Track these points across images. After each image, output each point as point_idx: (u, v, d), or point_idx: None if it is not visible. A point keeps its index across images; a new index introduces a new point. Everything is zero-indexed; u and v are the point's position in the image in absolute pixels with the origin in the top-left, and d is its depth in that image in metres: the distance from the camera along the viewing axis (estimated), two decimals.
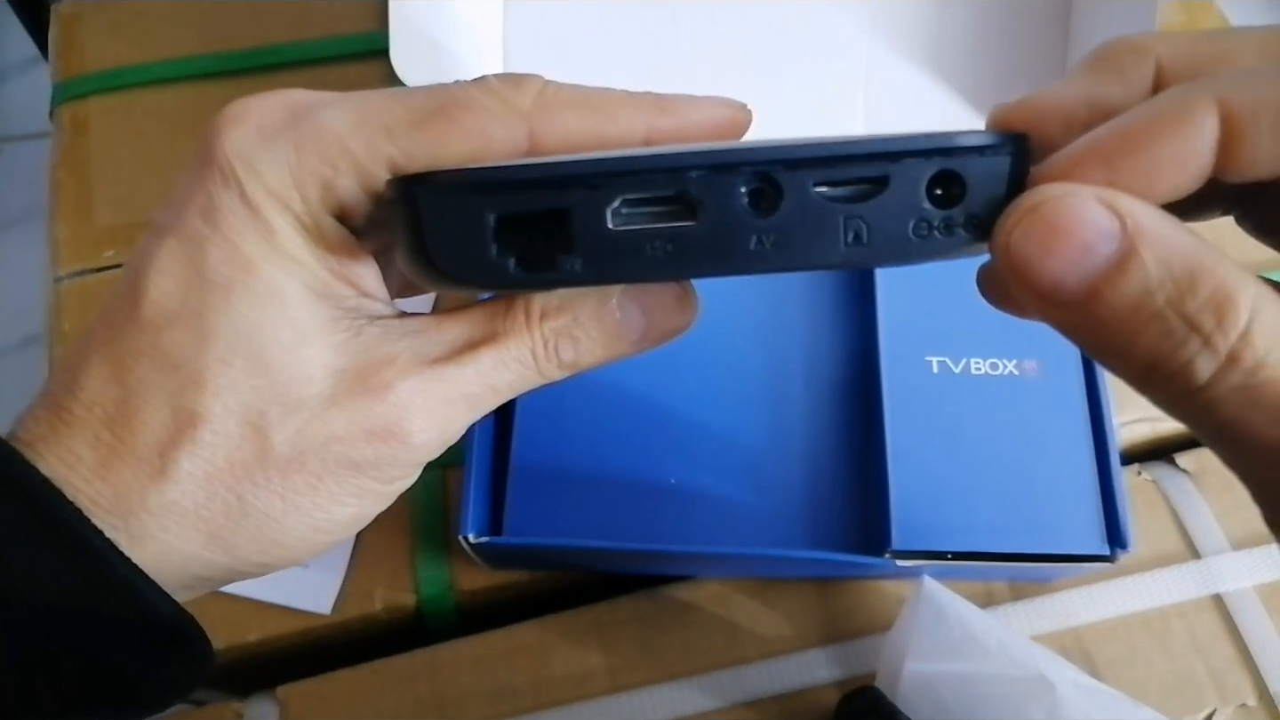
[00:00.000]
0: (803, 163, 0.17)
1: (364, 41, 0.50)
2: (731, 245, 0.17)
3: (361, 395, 0.20)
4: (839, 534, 0.36)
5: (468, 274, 0.18)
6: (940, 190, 0.17)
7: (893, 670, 0.34)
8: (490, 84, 0.20)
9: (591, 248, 0.17)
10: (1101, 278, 0.16)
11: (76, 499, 0.19)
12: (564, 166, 0.17)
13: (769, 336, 0.39)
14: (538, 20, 0.48)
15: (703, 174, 0.17)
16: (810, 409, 0.38)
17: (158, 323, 0.20)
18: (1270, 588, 0.38)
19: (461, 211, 0.18)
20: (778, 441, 0.37)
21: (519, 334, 0.21)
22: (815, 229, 0.17)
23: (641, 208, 0.17)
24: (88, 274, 0.46)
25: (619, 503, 0.36)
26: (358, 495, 0.21)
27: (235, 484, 0.20)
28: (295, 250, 0.20)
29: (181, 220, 0.20)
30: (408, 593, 0.39)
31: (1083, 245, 0.16)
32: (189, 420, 0.19)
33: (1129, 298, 0.16)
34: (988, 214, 0.17)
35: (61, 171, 0.49)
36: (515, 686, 0.37)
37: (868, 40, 0.47)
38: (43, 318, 0.46)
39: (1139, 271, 0.16)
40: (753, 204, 0.17)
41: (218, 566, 0.21)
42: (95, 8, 0.53)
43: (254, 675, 0.38)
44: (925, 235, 0.17)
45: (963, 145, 0.17)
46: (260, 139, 0.20)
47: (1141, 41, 0.19)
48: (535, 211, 0.17)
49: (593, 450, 0.37)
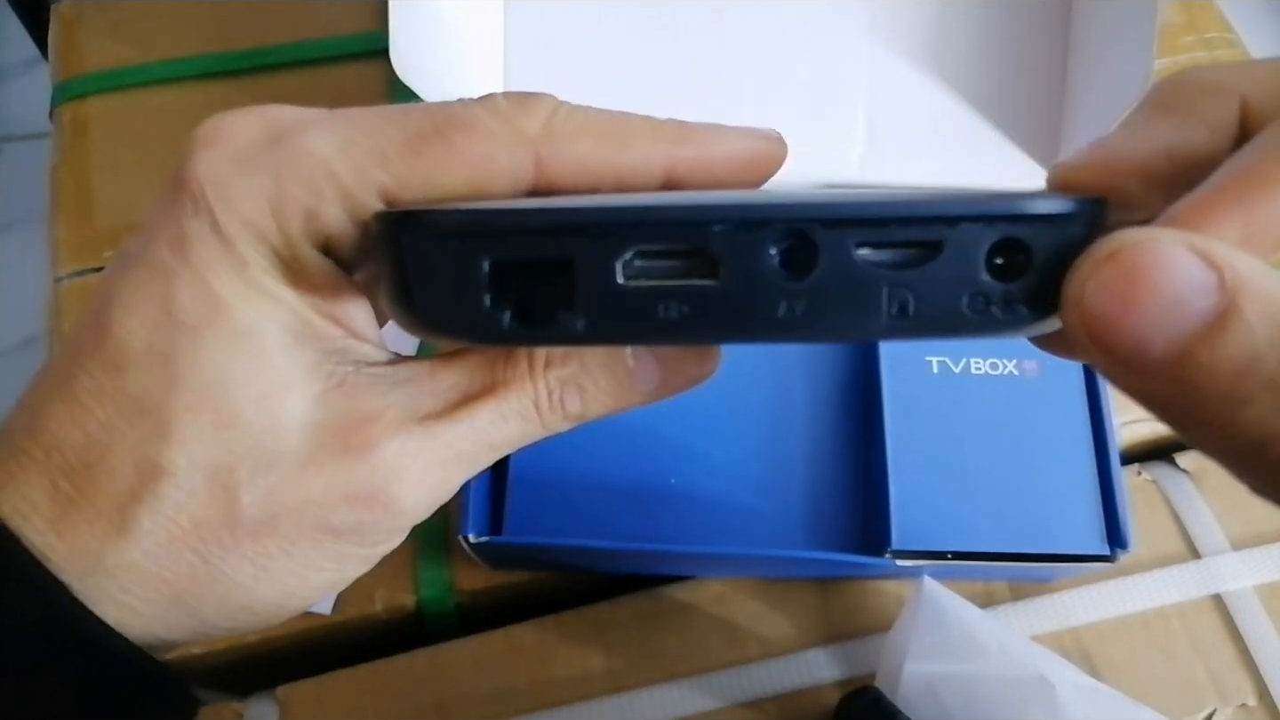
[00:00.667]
0: (845, 222, 0.15)
1: (364, 41, 0.50)
2: (756, 310, 0.15)
3: (342, 456, 0.18)
4: (839, 534, 0.36)
5: (457, 327, 0.16)
6: (1001, 260, 0.15)
7: (893, 670, 0.34)
8: (496, 104, 0.18)
9: (597, 305, 0.15)
10: (1196, 338, 0.13)
11: (28, 551, 0.17)
12: (569, 214, 0.15)
13: None
14: (538, 20, 0.48)
15: (728, 229, 0.15)
16: (810, 409, 0.38)
17: (121, 364, 0.18)
18: (1270, 588, 0.38)
19: (452, 258, 0.16)
20: (778, 441, 0.37)
21: (521, 384, 0.19)
22: (854, 297, 0.15)
23: (656, 261, 0.15)
24: (88, 274, 0.46)
25: (619, 503, 0.36)
26: (336, 561, 0.19)
27: (201, 546, 0.18)
28: (272, 287, 0.18)
29: (149, 251, 0.18)
30: (408, 593, 0.39)
31: (1173, 300, 0.13)
32: (152, 473, 0.18)
33: (1231, 363, 0.13)
34: (1056, 291, 0.15)
35: (61, 171, 0.49)
36: (515, 687, 0.37)
37: (868, 41, 0.47)
38: (43, 318, 0.46)
39: (1243, 331, 0.13)
40: (784, 265, 0.15)
41: (181, 629, 0.19)
42: (95, 8, 0.53)
43: (254, 675, 0.38)
44: (981, 311, 0.15)
45: (1032, 212, 0.15)
46: (235, 163, 0.18)
47: (1216, 79, 0.17)
48: (534, 261, 0.15)
49: (593, 450, 0.37)
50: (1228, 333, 0.13)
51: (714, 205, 0.15)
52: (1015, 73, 0.46)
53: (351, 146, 0.18)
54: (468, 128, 0.18)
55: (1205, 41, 0.50)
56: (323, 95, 0.49)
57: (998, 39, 0.47)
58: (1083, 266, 0.14)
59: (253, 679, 0.38)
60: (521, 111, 0.18)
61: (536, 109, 0.19)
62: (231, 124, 0.19)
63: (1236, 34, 0.50)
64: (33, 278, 0.50)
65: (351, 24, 0.51)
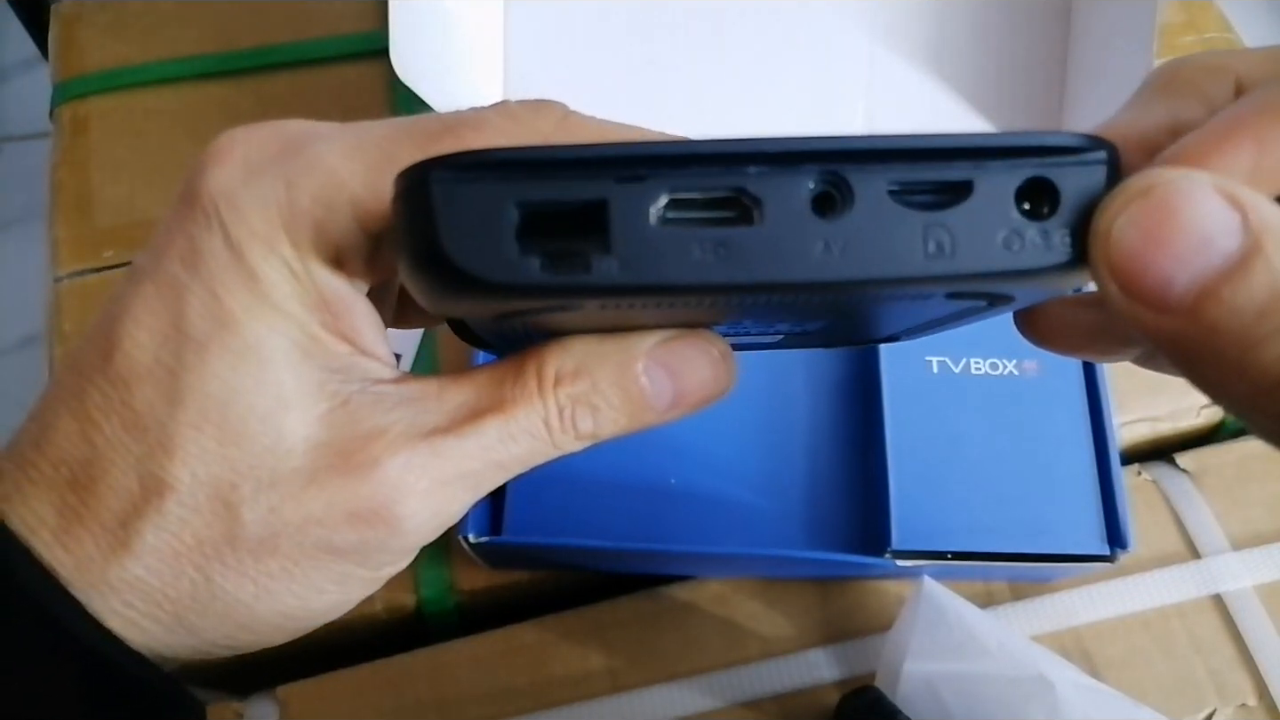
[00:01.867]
0: (875, 155, 0.15)
1: (364, 41, 0.50)
2: (793, 251, 0.15)
3: (344, 474, 0.18)
4: (839, 534, 0.36)
5: (486, 272, 0.15)
6: (1032, 199, 0.15)
7: (892, 670, 0.34)
8: (509, 108, 0.18)
9: (631, 248, 0.15)
10: (1221, 277, 0.14)
11: (39, 564, 0.17)
12: (606, 150, 0.15)
13: None
14: (538, 20, 0.48)
15: (763, 169, 0.15)
16: (810, 408, 0.38)
17: (128, 378, 0.18)
18: (1270, 588, 0.38)
19: (483, 198, 0.15)
20: (778, 441, 0.37)
21: (530, 401, 0.19)
22: (891, 236, 0.15)
23: (690, 204, 0.15)
24: (88, 274, 0.46)
25: (619, 503, 0.36)
26: (338, 582, 0.19)
27: (203, 563, 0.18)
28: (282, 301, 0.18)
29: (160, 266, 0.18)
30: (408, 593, 0.39)
31: (1200, 238, 0.14)
32: (155, 488, 0.18)
33: (1252, 303, 0.13)
34: (1084, 229, 0.15)
35: (61, 171, 0.49)
36: (515, 687, 0.37)
37: (868, 41, 0.47)
38: (43, 318, 0.46)
39: (1265, 272, 0.13)
40: (817, 206, 0.15)
41: (180, 648, 0.19)
42: (95, 8, 0.53)
43: (254, 675, 0.38)
44: (1018, 249, 0.15)
45: (1060, 145, 0.15)
46: (246, 176, 0.18)
47: (1215, 61, 0.17)
48: (568, 202, 0.15)
49: (593, 451, 0.37)
50: (1251, 273, 0.13)
51: (748, 143, 0.15)
52: (1015, 72, 0.46)
53: (361, 154, 0.18)
54: (479, 127, 0.18)
55: (1205, 41, 0.50)
56: (323, 95, 0.49)
57: (997, 39, 0.47)
58: (1114, 201, 0.14)
59: (253, 679, 0.38)
60: (533, 114, 0.18)
61: (547, 113, 0.19)
62: (244, 138, 0.18)
63: (1236, 33, 0.50)
64: (32, 277, 0.50)
65: (351, 24, 0.51)
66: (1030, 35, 0.46)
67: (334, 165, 0.18)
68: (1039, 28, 0.46)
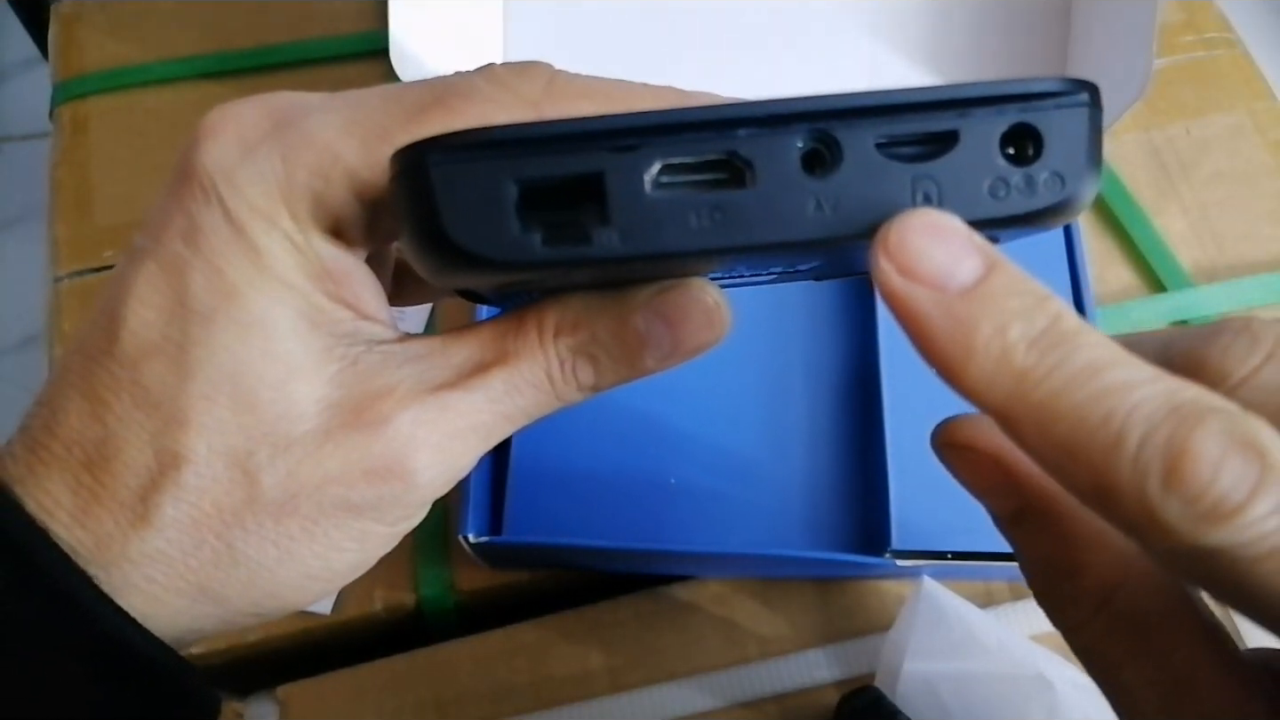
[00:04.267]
0: (861, 112, 0.15)
1: (364, 41, 0.50)
2: (787, 210, 0.15)
3: (357, 431, 0.18)
4: (839, 534, 0.36)
5: (488, 250, 0.16)
6: (1014, 149, 0.16)
7: (892, 670, 0.34)
8: (495, 72, 0.19)
9: (629, 218, 0.15)
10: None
11: (57, 546, 0.17)
12: (599, 122, 0.15)
13: (769, 336, 0.39)
14: (538, 20, 0.48)
15: (753, 131, 0.15)
16: (810, 409, 0.38)
17: (136, 356, 0.18)
18: None
19: (481, 178, 0.16)
20: (778, 441, 0.37)
21: (532, 353, 0.19)
22: (880, 190, 0.16)
23: (685, 172, 0.16)
24: (88, 274, 0.46)
25: (619, 503, 0.36)
26: (358, 540, 0.20)
27: (224, 530, 0.18)
28: (285, 273, 0.18)
29: (160, 244, 0.18)
30: (408, 592, 0.39)
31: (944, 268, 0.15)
32: (171, 462, 0.18)
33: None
34: (1070, 172, 0.16)
35: (61, 171, 0.49)
36: (515, 686, 0.37)
37: (868, 41, 0.47)
38: (43, 318, 0.46)
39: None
40: (807, 165, 0.15)
41: (207, 618, 0.19)
42: (95, 8, 0.53)
43: (254, 675, 0.38)
44: (1004, 197, 0.16)
45: (1041, 91, 0.16)
46: (242, 151, 0.18)
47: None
48: (566, 175, 0.15)
49: (593, 450, 0.37)
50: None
51: (737, 106, 0.15)
52: (1015, 72, 0.46)
53: (354, 126, 0.18)
54: (468, 94, 0.18)
55: (1205, 41, 0.50)
56: None
57: (997, 39, 0.47)
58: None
59: (253, 679, 0.38)
60: (520, 77, 0.19)
61: (536, 75, 0.19)
62: (235, 113, 0.19)
63: (1236, 34, 0.50)
64: (32, 277, 0.50)
65: (351, 24, 0.51)
66: (1030, 35, 0.46)
67: (329, 139, 0.18)
68: (1039, 28, 0.46)
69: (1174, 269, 0.44)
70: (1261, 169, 0.46)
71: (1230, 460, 0.13)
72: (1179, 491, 0.13)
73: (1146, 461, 0.13)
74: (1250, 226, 0.45)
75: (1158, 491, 0.13)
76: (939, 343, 0.15)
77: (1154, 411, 0.14)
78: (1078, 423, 0.14)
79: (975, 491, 0.20)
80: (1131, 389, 0.14)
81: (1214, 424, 0.13)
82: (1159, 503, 0.13)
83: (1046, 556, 0.19)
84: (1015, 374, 0.14)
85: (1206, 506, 0.13)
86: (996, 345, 0.15)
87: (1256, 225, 0.45)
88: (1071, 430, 0.14)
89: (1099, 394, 0.14)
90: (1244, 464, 0.13)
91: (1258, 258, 0.44)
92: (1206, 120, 0.48)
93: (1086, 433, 0.14)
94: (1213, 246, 0.45)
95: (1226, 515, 0.13)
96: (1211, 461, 0.13)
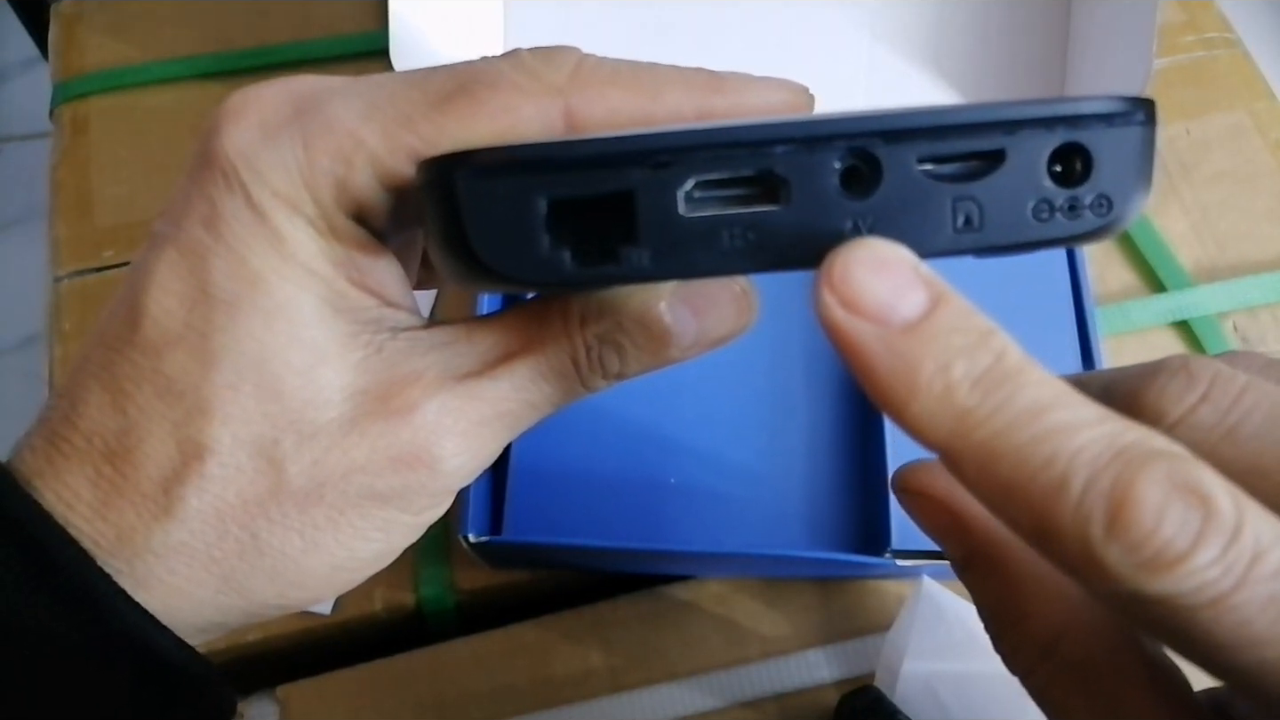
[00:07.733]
0: (905, 134, 0.15)
1: (364, 41, 0.50)
2: (821, 230, 0.15)
3: (384, 419, 0.18)
4: (839, 534, 0.36)
5: (516, 271, 0.16)
6: (1061, 168, 0.15)
7: (892, 670, 0.34)
8: (521, 58, 0.18)
9: (660, 237, 0.15)
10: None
11: (78, 540, 0.17)
12: (628, 141, 0.15)
13: (770, 336, 0.39)
14: (538, 20, 0.48)
15: (790, 150, 0.15)
16: (810, 408, 0.38)
17: (159, 345, 0.18)
18: None
19: (508, 196, 0.15)
20: (778, 441, 0.37)
21: (558, 342, 0.19)
22: (920, 212, 0.15)
23: (717, 188, 0.15)
24: (88, 274, 0.46)
25: (619, 503, 0.36)
26: (383, 529, 0.19)
27: (249, 521, 0.18)
28: (308, 259, 0.18)
29: (182, 230, 0.18)
30: (408, 592, 0.39)
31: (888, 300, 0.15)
32: (195, 452, 0.18)
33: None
34: (1119, 194, 0.15)
35: (61, 171, 0.49)
36: (515, 686, 0.37)
37: (868, 41, 0.47)
38: (43, 318, 0.46)
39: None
40: (845, 184, 0.15)
41: (232, 610, 0.19)
42: (95, 8, 0.53)
43: (254, 675, 0.38)
44: (1047, 219, 0.15)
45: (1091, 113, 0.15)
46: (264, 136, 0.18)
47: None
48: (595, 195, 0.15)
49: (593, 449, 0.37)
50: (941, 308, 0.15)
51: (774, 125, 0.15)
52: (1015, 72, 0.46)
53: (377, 112, 0.18)
54: (493, 83, 0.18)
55: (1205, 41, 0.50)
56: None
57: (997, 38, 0.47)
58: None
59: (253, 679, 0.38)
60: (547, 64, 0.18)
61: (562, 60, 0.18)
62: (257, 97, 0.18)
63: (1236, 33, 0.50)
64: (33, 277, 0.50)
65: (351, 24, 0.51)
66: (1030, 35, 0.46)
67: (352, 124, 0.18)
68: (1039, 28, 0.46)
69: (1174, 269, 0.44)
70: (1262, 169, 0.46)
71: (1173, 508, 0.13)
72: (1121, 539, 0.13)
73: (1089, 507, 0.13)
74: (1250, 226, 0.45)
75: (1100, 537, 0.13)
76: (881, 379, 0.15)
77: (1097, 455, 0.13)
78: (1020, 464, 0.14)
79: (930, 535, 0.20)
80: (1075, 431, 0.14)
81: (1157, 469, 0.13)
82: (1101, 548, 0.13)
83: (995, 602, 0.18)
84: (958, 413, 0.14)
85: (1148, 555, 0.13)
86: (939, 383, 0.14)
87: (1257, 225, 0.45)
88: (1013, 471, 0.14)
89: (1042, 436, 0.14)
90: (1186, 511, 0.13)
91: (1258, 258, 0.44)
92: (1207, 120, 0.48)
93: (1028, 475, 0.14)
94: (1213, 246, 0.45)
95: (1168, 565, 0.13)
96: (1154, 509, 0.13)
